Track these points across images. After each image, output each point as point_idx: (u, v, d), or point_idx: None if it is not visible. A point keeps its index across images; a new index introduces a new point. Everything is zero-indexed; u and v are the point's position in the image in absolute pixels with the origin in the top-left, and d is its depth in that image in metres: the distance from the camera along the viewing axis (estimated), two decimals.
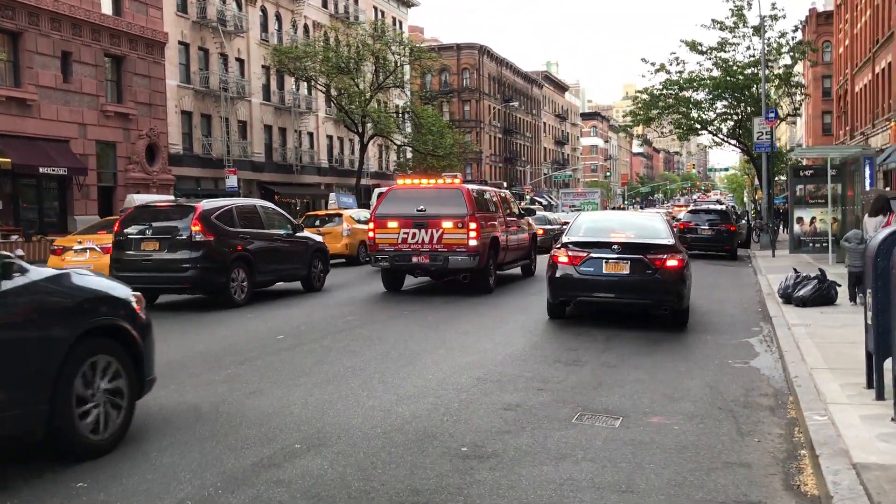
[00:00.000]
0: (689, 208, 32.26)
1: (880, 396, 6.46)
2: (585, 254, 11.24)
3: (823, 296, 12.84)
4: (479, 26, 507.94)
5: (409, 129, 51.81)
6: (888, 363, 6.37)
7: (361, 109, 44.43)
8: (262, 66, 47.10)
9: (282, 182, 48.36)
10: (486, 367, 8.45)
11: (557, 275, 11.39)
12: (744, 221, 32.98)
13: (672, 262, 10.98)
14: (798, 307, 12.76)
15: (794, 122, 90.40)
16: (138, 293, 6.28)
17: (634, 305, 11.65)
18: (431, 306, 13.78)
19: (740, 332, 11.06)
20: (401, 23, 66.02)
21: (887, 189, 26.78)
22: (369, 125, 46.46)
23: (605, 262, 11.08)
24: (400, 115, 50.16)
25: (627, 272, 10.99)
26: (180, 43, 40.63)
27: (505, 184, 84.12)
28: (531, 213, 26.32)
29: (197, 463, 5.38)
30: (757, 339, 10.50)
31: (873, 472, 4.63)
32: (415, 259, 15.19)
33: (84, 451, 5.46)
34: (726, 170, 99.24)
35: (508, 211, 18.08)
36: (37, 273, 5.38)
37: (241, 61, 45.82)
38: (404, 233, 15.19)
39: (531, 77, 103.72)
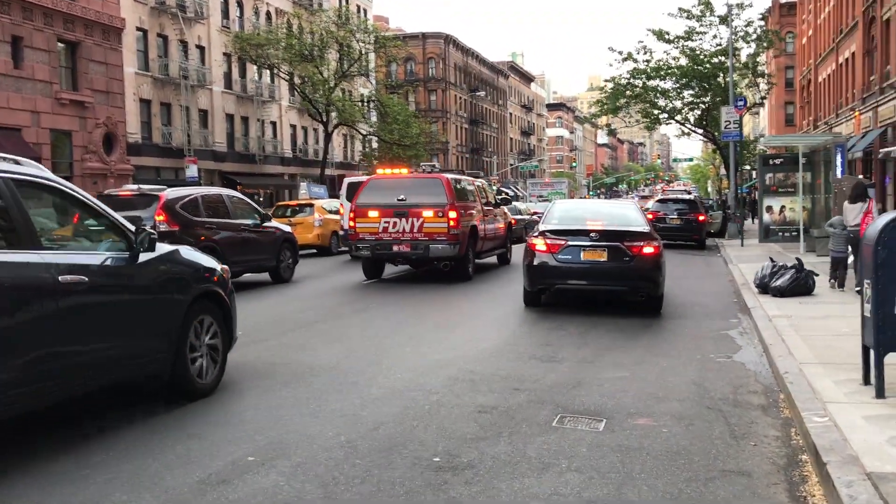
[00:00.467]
0: (657, 198, 32.05)
1: (880, 394, 6.05)
2: (563, 241, 11.25)
3: (801, 285, 12.52)
4: (445, 16, 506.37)
5: (374, 119, 50.96)
6: (891, 358, 5.96)
7: (325, 98, 43.55)
8: (224, 54, 45.98)
9: (244, 172, 47.36)
10: (459, 364, 7.93)
11: (536, 263, 11.36)
12: (719, 211, 32.78)
13: (648, 249, 11.15)
14: (776, 297, 12.42)
15: (757, 113, 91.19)
16: (225, 265, 7.55)
17: (611, 292, 11.74)
18: (402, 298, 13.23)
19: (719, 324, 10.67)
20: (365, 11, 65.08)
21: (860, 176, 26.75)
22: (334, 114, 45.57)
23: (583, 250, 11.14)
24: (365, 104, 49.24)
25: (605, 259, 11.09)
26: (138, 29, 39.40)
27: (481, 173, 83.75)
28: (507, 202, 26.16)
29: (142, 477, 4.78)
30: (737, 332, 10.11)
31: (892, 484, 4.18)
32: (396, 248, 15.30)
33: (194, 393, 6.64)
34: (690, 160, 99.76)
35: (485, 200, 18.08)
36: (162, 248, 6.55)
37: (201, 49, 44.65)
38: (385, 222, 15.28)
39: (497, 67, 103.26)
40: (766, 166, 23.34)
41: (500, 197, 23.77)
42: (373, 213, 15.37)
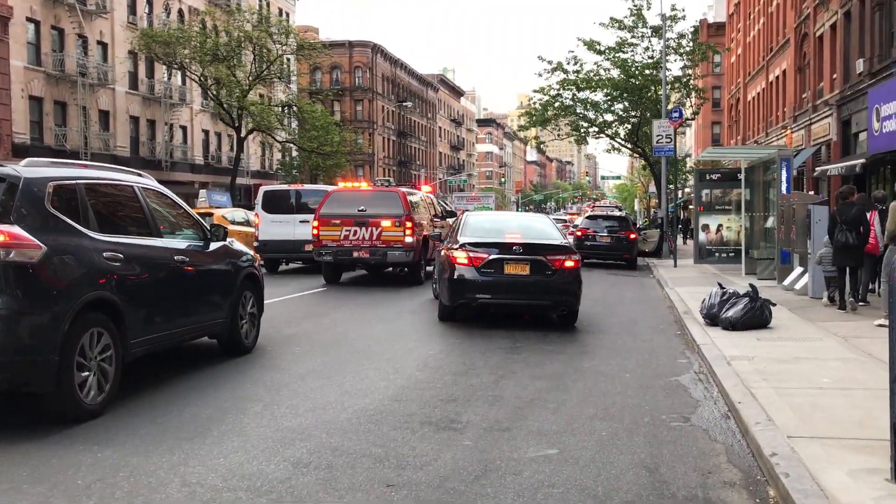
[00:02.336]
0: (587, 214, 30.41)
1: None
2: (486, 255, 10.89)
3: (756, 317, 10.65)
4: (377, 28, 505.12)
5: (294, 126, 48.22)
6: None
7: (238, 101, 40.70)
8: (129, 52, 42.69)
9: None
10: (318, 437, 5.62)
11: (457, 276, 10.91)
12: (655, 229, 31.21)
13: (569, 263, 11.03)
14: (727, 330, 10.53)
15: (684, 133, 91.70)
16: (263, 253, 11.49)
17: (532, 307, 11.58)
18: (281, 325, 10.87)
19: (665, 367, 8.65)
20: (288, 14, 62.36)
21: (811, 193, 25.52)
22: (248, 120, 42.69)
23: (507, 263, 10.86)
24: (283, 110, 46.46)
25: (528, 273, 10.84)
26: (29, 20, 35.96)
27: (429, 188, 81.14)
28: (452, 215, 25.44)
29: None
30: (689, 378, 8.09)
31: None
32: (356, 254, 16.71)
33: (244, 351, 8.68)
34: (618, 178, 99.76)
35: (434, 212, 20.03)
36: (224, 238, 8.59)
37: (103, 45, 41.32)
38: (346, 230, 16.65)
39: (426, 80, 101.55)
40: (702, 181, 21.77)
41: (446, 210, 24.55)
42: (335, 222, 16.67)
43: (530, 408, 6.60)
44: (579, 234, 25.87)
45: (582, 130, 35.93)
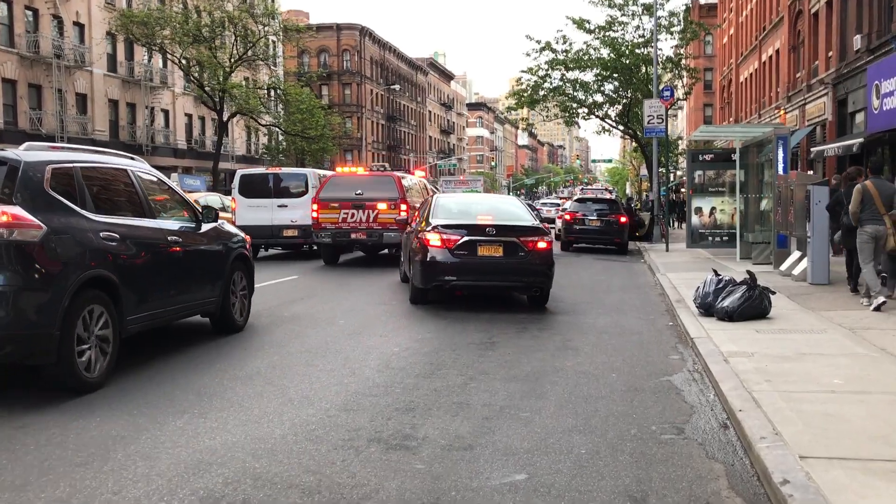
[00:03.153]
0: (576, 197, 29.51)
1: None
2: (459, 237, 10.84)
3: (755, 307, 9.79)
4: (368, 12, 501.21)
5: (279, 109, 47.06)
6: None
7: (220, 84, 39.54)
8: (107, 33, 41.49)
9: None
10: (241, 460, 4.72)
11: (430, 258, 10.83)
12: (647, 212, 30.33)
13: (542, 245, 11.05)
14: (723, 321, 9.68)
15: (675, 115, 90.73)
16: (247, 235, 10.02)
17: (505, 288, 11.64)
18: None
19: (656, 364, 7.79)
20: None
21: (810, 173, 24.68)
22: (231, 103, 41.52)
23: (480, 245, 10.83)
24: (266, 93, 45.26)
25: (501, 255, 10.86)
26: None
27: (424, 172, 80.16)
28: None
29: None
30: (682, 377, 7.23)
31: None
32: (353, 235, 17.47)
33: (235, 328, 9.06)
34: (609, 161, 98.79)
35: (428, 195, 20.00)
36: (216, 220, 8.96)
37: (80, 25, 40.16)
38: (344, 213, 17.41)
39: (416, 63, 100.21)
40: (694, 163, 20.89)
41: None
42: (334, 206, 17.41)
43: (500, 418, 5.73)
44: (568, 217, 24.97)
45: (571, 111, 34.92)
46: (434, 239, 10.88)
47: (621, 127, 36.43)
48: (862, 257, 10.55)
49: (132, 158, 7.94)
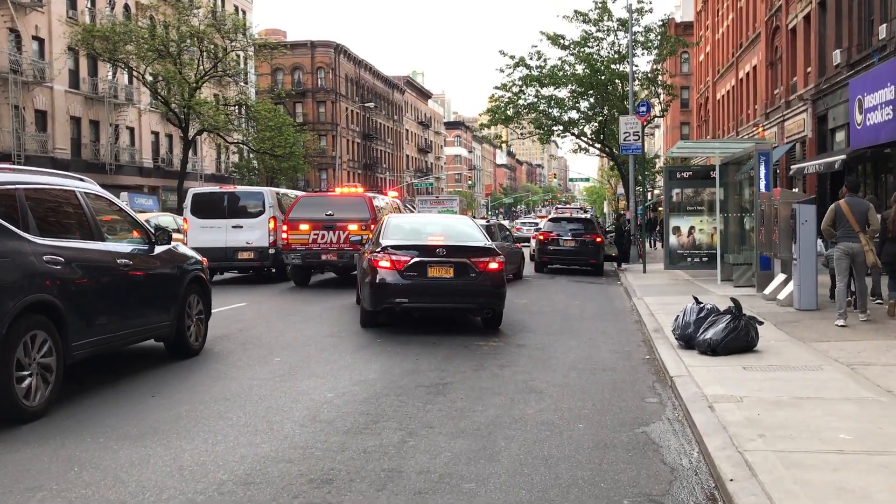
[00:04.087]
0: (550, 217, 28.53)
1: None
2: (409, 258, 10.53)
3: (740, 339, 8.78)
4: (347, 31, 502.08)
5: (248, 127, 45.84)
6: None
7: (184, 101, 38.31)
8: (69, 48, 40.13)
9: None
10: None
11: (379, 280, 10.50)
12: (613, 233, 29.40)
13: (493, 265, 10.78)
14: (705, 355, 8.66)
15: (652, 134, 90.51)
16: (203, 257, 9.68)
17: (457, 311, 11.40)
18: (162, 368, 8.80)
19: (630, 411, 6.73)
20: (244, 12, 59.98)
21: (795, 191, 23.89)
22: (196, 120, 40.28)
23: (430, 266, 10.55)
24: (233, 109, 44.03)
25: (452, 276, 10.58)
26: None
27: (395, 193, 79.25)
28: None
29: None
30: (660, 428, 6.17)
31: None
32: (324, 257, 17.20)
33: (192, 353, 8.82)
34: (586, 180, 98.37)
35: None
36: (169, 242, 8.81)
37: (39, 40, 38.76)
38: (315, 234, 17.17)
39: (392, 81, 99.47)
40: (672, 180, 19.99)
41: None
42: (304, 227, 17.18)
43: (436, 492, 4.63)
44: (542, 237, 23.99)
45: (546, 129, 34.08)
46: (383, 260, 10.56)
47: (597, 145, 35.67)
48: (837, 273, 11.13)
49: (80, 179, 7.72)
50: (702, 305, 9.47)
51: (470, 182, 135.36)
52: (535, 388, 7.49)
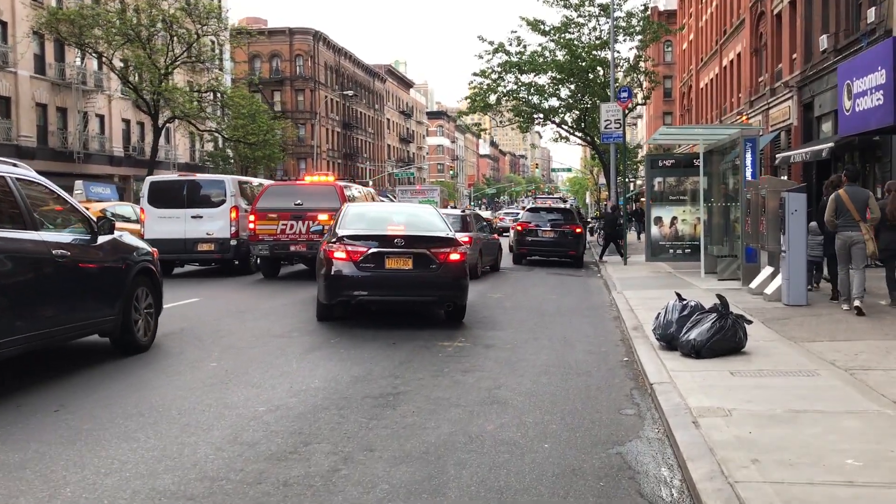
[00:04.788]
0: (528, 206, 27.68)
1: None
2: (365, 248, 10.12)
3: (727, 340, 7.97)
4: (327, 19, 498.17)
5: (219, 114, 44.63)
6: None
7: (153, 87, 37.09)
8: (35, 32, 38.76)
9: (60, 172, 39.74)
10: None
11: (334, 272, 10.07)
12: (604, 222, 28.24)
13: (455, 256, 10.37)
14: (688, 358, 7.86)
15: (635, 124, 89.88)
16: (154, 248, 9.30)
17: (416, 304, 10.90)
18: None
19: (604, 424, 5.91)
20: None
21: (783, 178, 23.16)
22: (166, 107, 39.06)
23: (388, 257, 10.12)
24: (205, 96, 42.75)
25: (410, 268, 10.18)
26: None
27: (371, 182, 78.64)
28: None
29: None
30: (637, 448, 5.35)
31: None
32: (293, 248, 16.67)
33: (136, 348, 8.31)
34: (569, 170, 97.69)
35: None
36: (115, 232, 8.34)
37: (2, 23, 37.39)
38: (283, 224, 16.63)
39: (373, 70, 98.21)
40: (654, 169, 19.19)
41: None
42: (272, 216, 16.63)
43: None
44: (519, 228, 23.16)
45: (525, 116, 33.21)
46: (338, 251, 10.10)
47: (578, 134, 34.86)
48: (838, 262, 11.09)
49: (14, 164, 7.33)
50: (685, 302, 8.66)
51: (452, 172, 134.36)
52: (499, 399, 6.64)
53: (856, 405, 5.97)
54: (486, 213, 76.93)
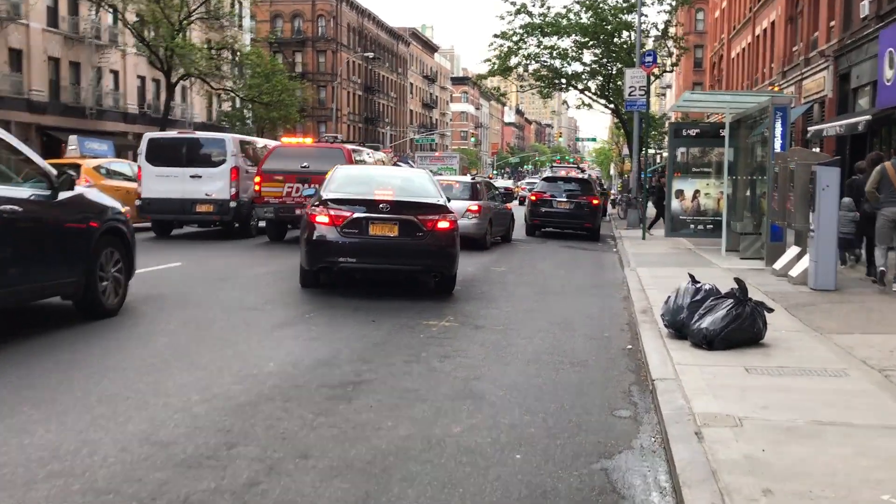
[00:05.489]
0: (543, 176, 26.63)
1: None
2: (349, 213, 9.68)
3: (744, 330, 7.04)
4: None
5: (235, 73, 43.70)
6: None
7: (167, 42, 36.23)
8: None
9: (72, 128, 39.17)
10: None
11: (316, 237, 9.67)
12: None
13: (444, 224, 9.92)
14: (700, 349, 6.94)
15: (664, 94, 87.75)
16: (127, 207, 8.88)
17: (401, 272, 10.59)
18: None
19: (592, 429, 5.02)
20: None
21: (815, 150, 21.90)
22: (179, 64, 38.22)
23: (372, 223, 9.68)
24: (218, 53, 41.79)
25: (396, 234, 9.73)
26: None
27: (382, 146, 77.78)
28: None
29: None
30: (626, 463, 4.47)
31: None
32: (298, 211, 15.39)
33: (102, 312, 7.77)
34: (593, 140, 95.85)
35: None
36: (77, 188, 7.80)
37: None
38: (289, 187, 16.23)
39: (397, 33, 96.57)
40: (677, 138, 18.06)
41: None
42: (277, 178, 16.26)
43: None
44: (533, 198, 22.19)
45: (547, 81, 31.98)
46: (320, 215, 9.65)
47: (602, 101, 33.59)
48: (878, 240, 10.55)
49: None
50: (699, 285, 7.70)
51: (473, 139, 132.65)
52: (476, 392, 5.78)
53: (893, 418, 5.04)
54: (507, 183, 75.87)
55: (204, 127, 50.90)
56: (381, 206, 9.66)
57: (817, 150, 22.10)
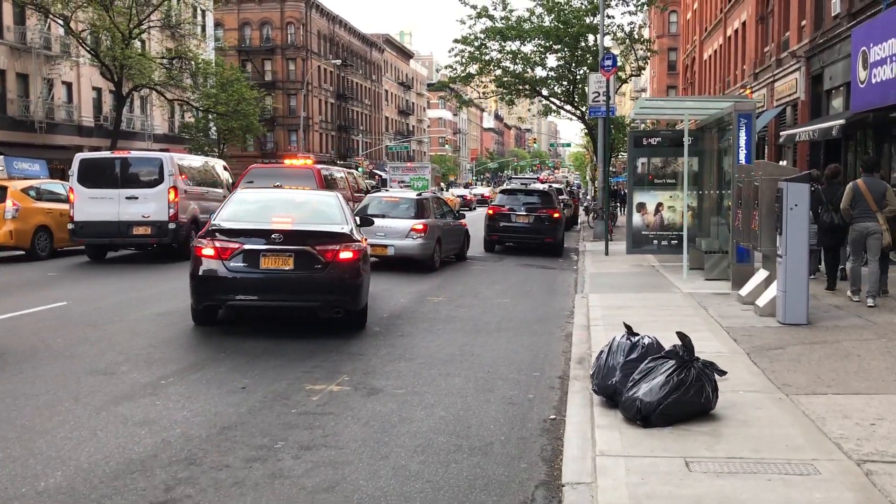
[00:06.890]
0: (501, 188, 25.23)
1: None
2: (237, 244, 8.73)
3: (688, 402, 5.61)
4: None
5: (193, 83, 42.02)
6: None
7: (118, 52, 34.56)
8: None
9: (19, 143, 37.50)
10: None
11: (202, 272, 8.72)
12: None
13: (346, 254, 8.91)
14: (634, 425, 5.51)
15: (637, 97, 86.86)
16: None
17: (300, 308, 9.31)
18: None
19: None
20: None
21: (782, 163, 20.67)
22: (130, 74, 36.57)
23: (263, 256, 8.69)
24: (171, 63, 40.12)
25: (291, 267, 8.73)
26: None
27: (365, 154, 76.80)
28: (377, 189, 26.24)
29: None
30: None
31: None
32: None
33: None
34: (568, 145, 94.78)
35: (357, 188, 21.74)
36: None
37: None
38: None
39: (370, 40, 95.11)
40: (637, 147, 16.65)
41: (371, 184, 25.37)
42: None
43: None
44: (491, 212, 20.74)
45: (509, 87, 30.60)
46: (206, 247, 8.74)
47: (568, 107, 32.23)
48: (852, 255, 10.77)
49: None
50: (635, 340, 6.28)
51: (449, 147, 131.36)
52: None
53: None
54: (486, 190, 74.08)
55: (166, 139, 49.23)
56: (273, 235, 8.72)
57: (790, 157, 20.83)
